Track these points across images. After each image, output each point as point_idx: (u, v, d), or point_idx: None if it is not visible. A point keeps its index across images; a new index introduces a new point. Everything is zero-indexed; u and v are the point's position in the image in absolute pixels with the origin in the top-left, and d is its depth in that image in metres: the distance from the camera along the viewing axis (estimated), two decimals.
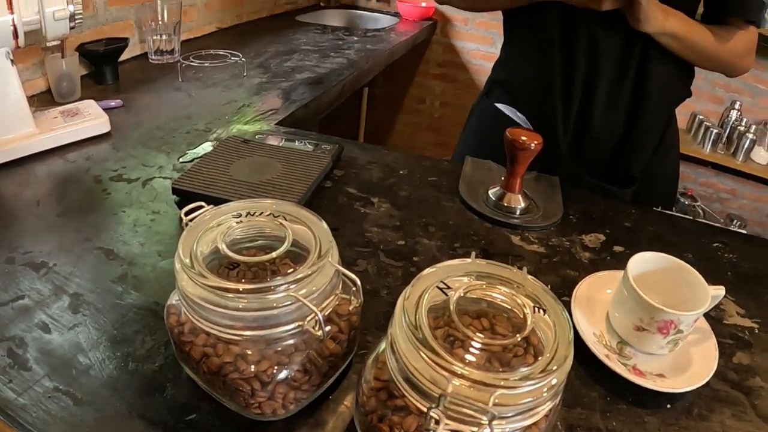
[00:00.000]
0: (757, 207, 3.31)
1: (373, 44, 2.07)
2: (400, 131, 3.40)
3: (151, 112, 1.18)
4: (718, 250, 0.89)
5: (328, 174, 0.91)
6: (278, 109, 1.24)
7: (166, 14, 1.57)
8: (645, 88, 1.05)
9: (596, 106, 1.05)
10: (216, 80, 1.42)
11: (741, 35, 1.04)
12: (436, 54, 3.16)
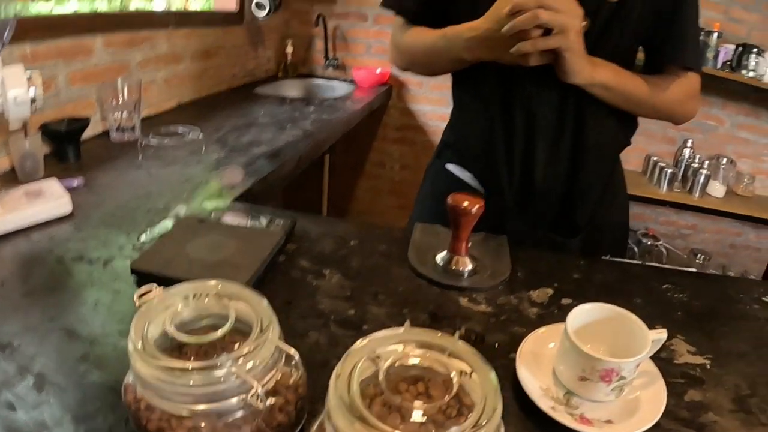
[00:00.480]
0: (720, 239, 3.48)
1: (329, 114, 2.19)
2: (362, 196, 3.52)
3: (112, 191, 1.24)
4: (668, 291, 0.95)
5: (282, 248, 0.97)
6: (235, 185, 1.31)
7: (126, 92, 1.64)
8: (583, 140, 1.10)
9: (537, 162, 1.11)
10: (175, 157, 1.49)
11: (679, 82, 1.08)
12: (394, 118, 3.31)
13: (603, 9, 0.99)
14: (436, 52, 1.14)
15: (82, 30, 1.62)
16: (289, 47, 3.10)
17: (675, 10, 1.04)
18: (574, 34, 0.90)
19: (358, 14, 3.17)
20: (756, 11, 3.10)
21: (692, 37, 1.08)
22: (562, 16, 0.88)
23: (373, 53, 3.21)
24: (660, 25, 1.05)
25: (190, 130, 1.68)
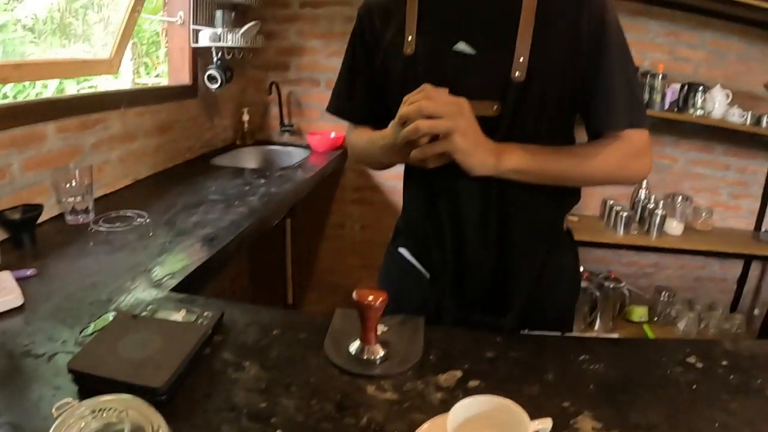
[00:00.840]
0: (683, 274, 3.61)
1: (278, 186, 2.30)
2: (326, 257, 3.64)
3: (62, 280, 1.34)
4: (583, 363, 0.98)
5: (208, 341, 1.04)
6: (176, 273, 1.41)
7: (79, 176, 1.75)
8: (509, 220, 1.14)
9: (467, 246, 1.17)
10: (124, 242, 1.60)
11: (617, 146, 1.08)
12: (351, 180, 3.48)
13: (511, 88, 1.03)
14: (367, 155, 1.28)
15: (34, 118, 1.75)
16: (245, 115, 3.26)
17: (598, 73, 1.05)
18: (458, 137, 0.96)
19: (310, 80, 3.37)
20: (701, 49, 3.32)
21: (625, 95, 1.07)
22: (443, 121, 0.95)
23: (327, 117, 3.29)
24: (585, 92, 1.07)
25: (137, 214, 1.80)
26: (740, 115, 3.08)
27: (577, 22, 1.03)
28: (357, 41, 1.26)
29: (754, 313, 3.61)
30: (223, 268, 1.67)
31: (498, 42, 1.05)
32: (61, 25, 2.18)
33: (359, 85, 1.29)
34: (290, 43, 3.35)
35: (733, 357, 1.05)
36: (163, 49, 2.76)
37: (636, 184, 1.27)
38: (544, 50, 1.03)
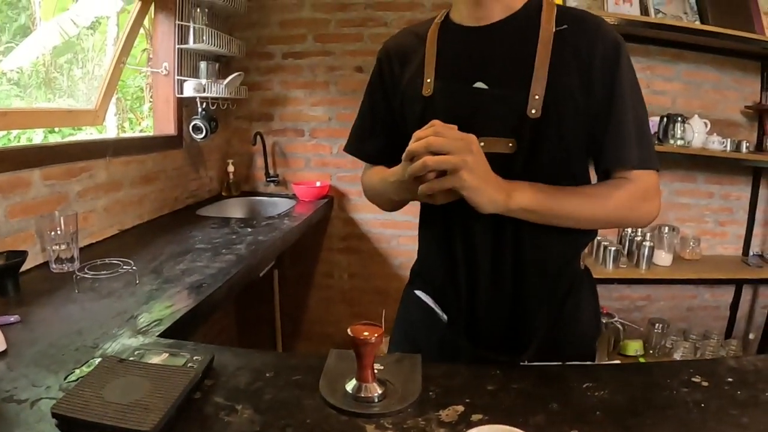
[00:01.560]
0: (676, 304, 3.58)
1: (265, 234, 2.28)
2: (315, 307, 3.59)
3: (46, 327, 1.31)
4: (587, 390, 0.95)
5: (198, 385, 1.00)
6: (163, 319, 1.38)
7: (64, 224, 1.74)
8: (523, 261, 1.12)
9: (480, 287, 1.16)
10: (110, 290, 1.57)
11: (627, 187, 1.08)
12: (338, 229, 3.46)
13: (526, 125, 1.05)
14: (380, 193, 1.30)
15: (19, 164, 1.74)
16: (231, 166, 3.26)
17: (611, 112, 1.07)
18: (466, 173, 0.95)
19: (294, 130, 3.39)
20: (677, 81, 3.39)
21: (636, 136, 1.07)
22: (451, 157, 0.94)
23: (312, 167, 3.42)
24: (597, 130, 1.08)
25: (123, 262, 1.77)
26: (720, 143, 3.13)
27: (591, 61, 1.06)
28: (376, 83, 1.31)
29: (750, 338, 3.58)
30: (212, 315, 1.64)
31: (514, 80, 1.07)
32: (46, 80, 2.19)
33: (376, 125, 1.33)
34: (274, 94, 3.38)
35: (737, 373, 1.03)
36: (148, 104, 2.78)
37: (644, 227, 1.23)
38: (559, 88, 1.05)
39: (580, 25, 1.08)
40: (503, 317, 1.18)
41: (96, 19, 2.89)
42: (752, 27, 3.08)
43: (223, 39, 2.83)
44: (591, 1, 2.99)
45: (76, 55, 2.33)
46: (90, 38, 2.73)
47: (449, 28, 1.18)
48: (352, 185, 3.40)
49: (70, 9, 2.69)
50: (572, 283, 1.23)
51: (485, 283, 1.16)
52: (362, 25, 3.28)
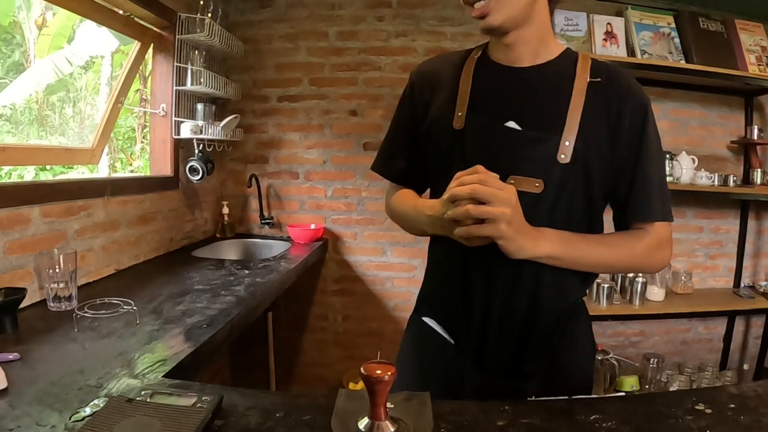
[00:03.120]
0: (670, 338, 3.58)
1: (262, 276, 2.25)
2: (309, 350, 3.52)
3: (47, 365, 1.28)
4: (595, 422, 0.95)
5: (208, 426, 0.97)
6: (167, 359, 1.34)
7: (63, 262, 1.71)
8: (540, 297, 1.16)
9: (494, 318, 1.18)
10: (110, 329, 1.53)
11: (645, 238, 1.16)
12: (332, 271, 3.43)
13: (555, 169, 1.10)
14: (409, 220, 1.30)
15: (19, 201, 1.72)
16: (226, 208, 3.24)
17: (636, 165, 1.13)
18: (504, 224, 1.00)
19: (289, 172, 3.39)
20: (663, 119, 3.45)
21: (657, 189, 1.15)
22: (493, 208, 0.98)
23: (306, 209, 3.40)
24: (621, 182, 1.15)
25: (123, 302, 1.73)
26: (708, 178, 3.16)
27: (621, 115, 1.12)
28: (406, 104, 1.33)
29: (744, 369, 3.57)
30: (214, 356, 1.60)
31: (547, 125, 1.12)
32: (38, 117, 2.18)
33: (404, 146, 1.34)
34: (269, 136, 3.39)
35: (739, 399, 1.04)
36: (139, 145, 2.77)
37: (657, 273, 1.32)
38: (589, 137, 1.11)
39: (613, 80, 1.14)
40: (512, 345, 1.21)
41: (90, 58, 2.91)
42: (735, 64, 3.15)
43: (220, 81, 2.85)
44: (580, 43, 3.03)
45: (68, 94, 2.32)
46: (83, 77, 2.73)
47: (486, 64, 1.22)
48: (347, 228, 3.39)
49: (66, 47, 2.70)
50: (572, 314, 1.26)
51: (498, 313, 1.18)
52: (356, 69, 3.32)
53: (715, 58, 3.10)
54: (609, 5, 3.35)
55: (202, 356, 1.48)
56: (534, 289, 1.16)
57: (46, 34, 3.22)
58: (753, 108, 3.51)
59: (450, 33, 3.31)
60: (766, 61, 3.20)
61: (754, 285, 3.60)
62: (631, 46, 3.11)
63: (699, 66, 3.04)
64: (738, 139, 3.49)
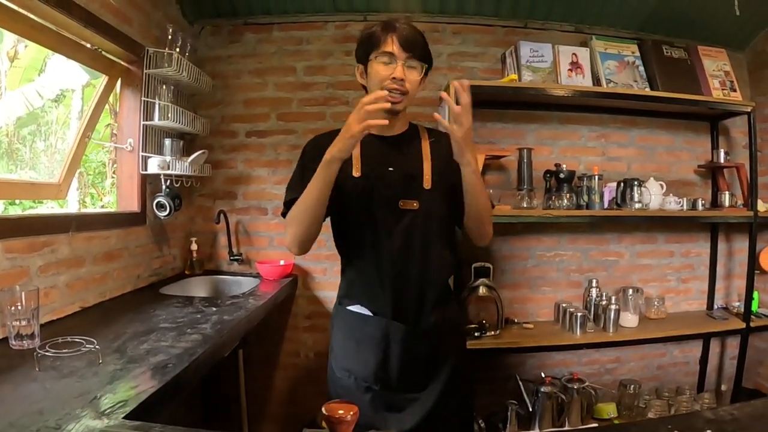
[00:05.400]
0: (646, 364, 3.61)
1: (230, 314, 2.22)
2: (281, 387, 3.47)
3: (6, 406, 1.24)
4: None
5: None
6: (128, 400, 1.31)
7: (25, 299, 1.67)
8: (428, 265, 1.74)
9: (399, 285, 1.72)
10: (72, 368, 1.50)
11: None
12: (302, 307, 3.41)
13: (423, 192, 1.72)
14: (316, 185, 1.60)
15: None
16: (194, 245, 3.20)
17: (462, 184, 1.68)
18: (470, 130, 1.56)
19: (258, 208, 3.38)
20: (631, 146, 3.54)
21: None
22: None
23: (275, 245, 3.38)
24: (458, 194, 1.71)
25: (86, 340, 1.70)
26: (676, 203, 3.22)
27: (448, 156, 1.65)
28: (307, 163, 1.73)
29: (722, 389, 3.59)
30: (178, 396, 1.56)
31: (413, 168, 1.75)
32: (8, 150, 2.16)
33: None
34: (237, 172, 3.38)
35: (715, 424, 1.05)
36: (110, 180, 2.74)
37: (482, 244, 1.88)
38: (438, 170, 1.75)
39: (439, 137, 1.80)
40: (414, 302, 1.75)
41: (61, 91, 2.89)
42: (699, 89, 3.24)
43: (188, 116, 2.85)
44: (546, 74, 3.10)
45: (39, 127, 2.30)
46: (54, 111, 2.71)
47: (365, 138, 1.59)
48: (317, 263, 3.38)
49: (36, 80, 2.68)
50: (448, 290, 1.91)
51: (402, 281, 1.73)
52: (324, 104, 3.35)
53: (679, 85, 3.19)
54: (574, 36, 3.45)
55: (166, 396, 1.44)
56: (425, 260, 1.74)
57: (18, 66, 3.21)
58: (718, 132, 3.61)
59: None
60: (730, 86, 3.31)
61: (727, 306, 3.66)
62: (596, 76, 3.18)
63: (664, 93, 3.13)
64: (705, 163, 3.57)
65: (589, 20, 3.46)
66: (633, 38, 3.38)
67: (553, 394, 2.99)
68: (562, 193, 3.14)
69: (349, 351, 1.79)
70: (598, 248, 3.54)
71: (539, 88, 2.98)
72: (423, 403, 1.76)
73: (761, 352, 3.61)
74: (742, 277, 3.51)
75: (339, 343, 1.86)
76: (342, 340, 1.85)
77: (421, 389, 1.78)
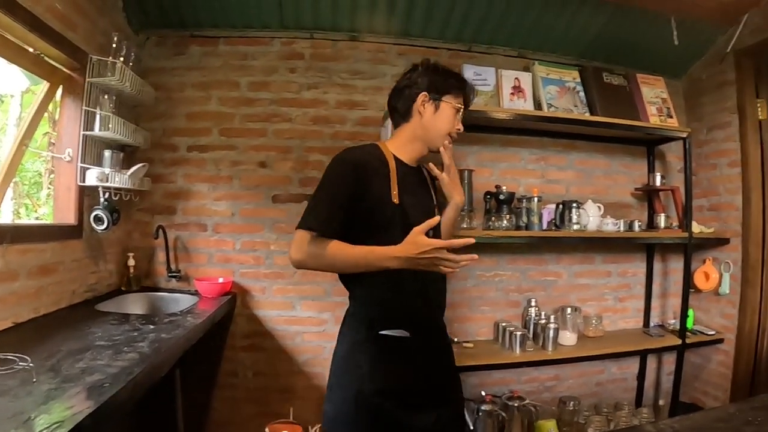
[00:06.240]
0: (585, 381, 3.70)
1: (168, 332, 2.19)
2: (220, 408, 3.42)
3: None
4: None
5: None
6: (64, 421, 1.29)
7: None
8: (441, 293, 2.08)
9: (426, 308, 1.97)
10: (4, 388, 1.47)
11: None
12: (241, 326, 3.38)
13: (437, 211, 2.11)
14: (363, 263, 1.77)
15: None
16: (132, 260, 3.15)
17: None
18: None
19: (197, 224, 3.34)
20: (570, 169, 3.67)
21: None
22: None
23: (215, 262, 3.35)
24: None
25: (19, 358, 1.67)
26: (614, 224, 3.34)
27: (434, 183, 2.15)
28: (348, 183, 1.81)
29: (660, 404, 3.77)
30: (115, 418, 1.53)
31: (429, 197, 2.09)
32: None
33: (339, 211, 1.79)
34: (177, 187, 3.33)
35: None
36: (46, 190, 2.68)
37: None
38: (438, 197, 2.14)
39: (430, 173, 2.17)
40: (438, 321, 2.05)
41: None
42: (637, 115, 3.39)
43: (129, 128, 2.82)
44: (488, 98, 3.19)
45: None
46: None
47: (400, 163, 1.96)
48: (256, 281, 3.37)
49: None
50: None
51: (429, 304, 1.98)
52: (267, 120, 3.36)
53: (618, 111, 3.33)
54: (517, 61, 3.58)
55: (103, 417, 1.42)
56: (443, 283, 2.04)
57: None
58: (655, 156, 3.79)
59: (361, 86, 3.44)
60: (667, 112, 3.46)
61: (663, 324, 3.83)
62: (537, 100, 3.29)
63: (603, 118, 3.26)
64: (642, 186, 3.73)
65: (532, 46, 3.60)
66: (574, 64, 3.50)
67: (493, 412, 3.06)
68: (501, 214, 3.23)
69: (388, 374, 1.83)
70: (537, 268, 3.65)
71: (481, 110, 3.06)
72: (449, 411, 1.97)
73: (697, 367, 3.77)
74: (677, 296, 3.69)
75: (374, 368, 1.85)
76: (377, 364, 1.85)
77: (447, 398, 1.97)
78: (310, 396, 3.37)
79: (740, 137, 3.49)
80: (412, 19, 3.31)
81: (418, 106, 1.97)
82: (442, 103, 1.97)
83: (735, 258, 3.53)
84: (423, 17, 3.30)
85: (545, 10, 3.26)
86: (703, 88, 3.79)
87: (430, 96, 1.96)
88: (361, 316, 1.93)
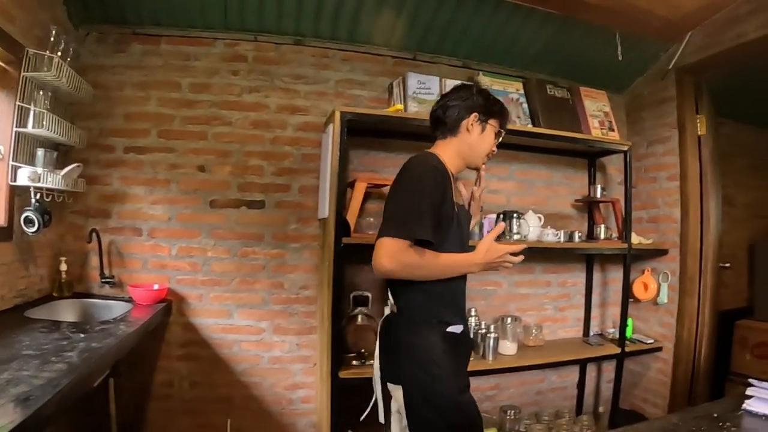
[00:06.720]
0: (525, 390, 3.78)
1: (99, 341, 2.12)
2: (155, 419, 3.32)
3: None
4: None
5: None
6: None
7: None
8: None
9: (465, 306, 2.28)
10: None
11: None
12: (177, 334, 3.30)
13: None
14: (449, 271, 2.00)
15: None
16: (64, 265, 3.03)
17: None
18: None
19: (132, 228, 3.24)
20: (510, 179, 3.75)
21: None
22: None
23: (150, 268, 3.25)
24: None
25: None
26: (554, 234, 3.42)
27: None
28: (440, 191, 1.95)
29: (599, 411, 3.88)
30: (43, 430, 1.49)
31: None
32: None
33: (433, 219, 1.91)
34: (113, 189, 3.23)
35: None
36: None
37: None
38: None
39: None
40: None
41: None
42: (579, 128, 3.48)
43: (64, 126, 2.73)
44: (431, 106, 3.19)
45: None
46: None
47: (451, 174, 2.09)
48: (192, 289, 3.30)
49: None
50: None
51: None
52: (207, 123, 3.31)
53: (560, 123, 3.42)
54: (461, 71, 3.64)
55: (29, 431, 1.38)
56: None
57: None
58: (596, 169, 3.90)
59: (304, 91, 3.43)
60: (609, 126, 3.57)
61: (602, 333, 3.94)
62: None
63: (546, 130, 3.34)
64: (582, 197, 3.83)
65: (477, 56, 3.66)
66: (518, 76, 3.59)
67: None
68: None
69: (455, 369, 2.06)
70: (477, 278, 3.67)
71: (424, 119, 3.06)
72: None
73: (636, 375, 3.90)
74: (617, 305, 3.82)
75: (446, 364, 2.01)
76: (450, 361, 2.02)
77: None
78: (249, 406, 3.34)
79: (680, 152, 3.63)
80: (358, 24, 3.33)
81: (468, 124, 2.14)
82: (488, 125, 2.16)
83: (673, 268, 3.67)
84: (368, 23, 3.32)
85: (491, 20, 3.32)
86: (644, 104, 3.94)
87: (480, 117, 2.14)
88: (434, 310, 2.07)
